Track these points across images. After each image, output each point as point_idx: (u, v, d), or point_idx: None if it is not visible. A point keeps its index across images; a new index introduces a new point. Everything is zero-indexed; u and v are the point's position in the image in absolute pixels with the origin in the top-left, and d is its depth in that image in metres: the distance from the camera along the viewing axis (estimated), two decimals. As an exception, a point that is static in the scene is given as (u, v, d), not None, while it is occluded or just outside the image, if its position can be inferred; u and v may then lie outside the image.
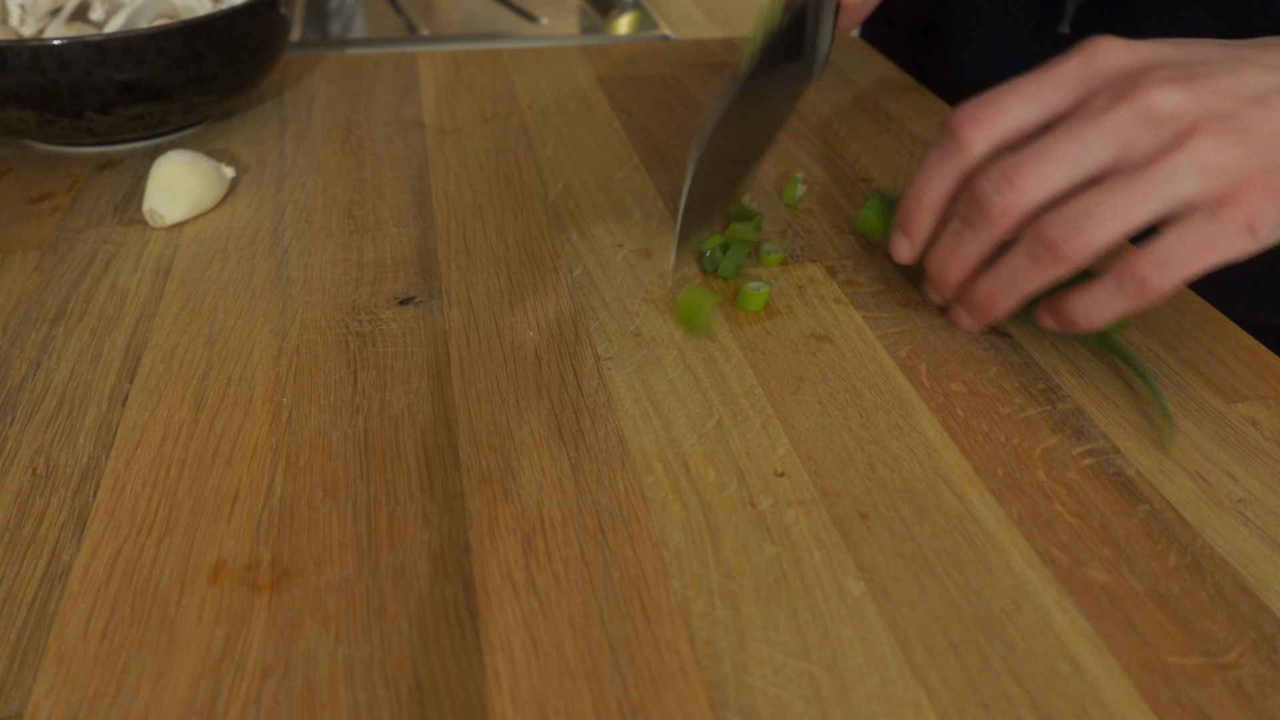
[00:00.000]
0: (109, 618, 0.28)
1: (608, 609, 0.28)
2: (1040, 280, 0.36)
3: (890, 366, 0.39)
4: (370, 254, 0.45)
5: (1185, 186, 0.33)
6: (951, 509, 0.32)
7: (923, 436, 0.35)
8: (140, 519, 0.31)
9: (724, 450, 0.34)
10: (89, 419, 0.35)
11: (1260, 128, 0.33)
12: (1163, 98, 0.33)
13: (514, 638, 0.28)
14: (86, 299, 0.42)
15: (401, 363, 0.38)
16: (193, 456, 0.34)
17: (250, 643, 0.27)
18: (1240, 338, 0.41)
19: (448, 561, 0.30)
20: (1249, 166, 0.33)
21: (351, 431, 0.35)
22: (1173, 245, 0.34)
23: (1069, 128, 0.34)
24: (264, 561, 0.30)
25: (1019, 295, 0.37)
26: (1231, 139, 0.33)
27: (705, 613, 0.28)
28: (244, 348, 0.39)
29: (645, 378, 0.38)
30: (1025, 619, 0.28)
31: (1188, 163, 0.33)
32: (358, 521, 0.31)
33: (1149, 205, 0.33)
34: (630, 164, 0.54)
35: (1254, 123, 0.33)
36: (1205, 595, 0.29)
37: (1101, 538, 0.31)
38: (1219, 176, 0.33)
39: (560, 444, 0.34)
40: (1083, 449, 0.35)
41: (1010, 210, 0.35)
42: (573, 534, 0.31)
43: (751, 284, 0.42)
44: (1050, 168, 0.34)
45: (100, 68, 0.48)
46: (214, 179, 0.48)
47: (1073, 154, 0.34)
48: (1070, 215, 0.34)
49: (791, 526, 0.31)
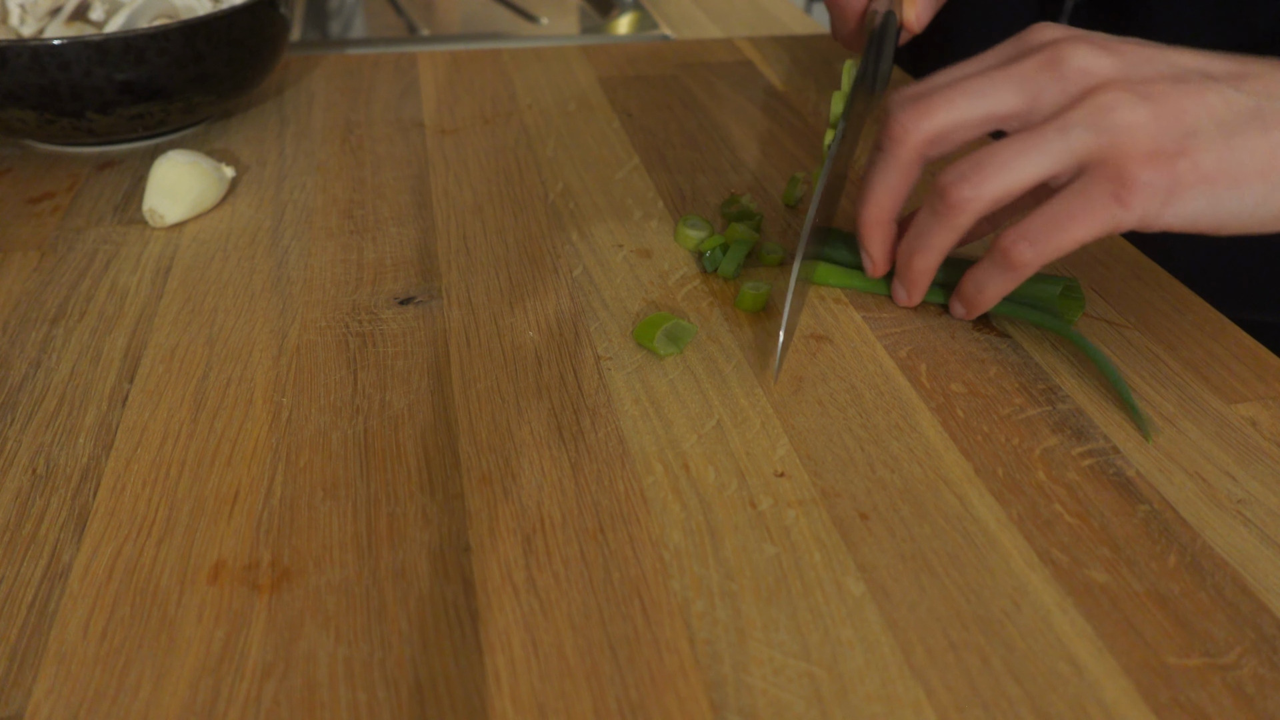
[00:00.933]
0: (109, 618, 0.28)
1: (608, 609, 0.28)
2: (943, 234, 0.36)
3: (890, 367, 0.39)
4: (370, 254, 0.45)
5: (1076, 141, 0.32)
6: (951, 509, 0.32)
7: (923, 437, 0.35)
8: (140, 519, 0.31)
9: (724, 450, 0.34)
10: (89, 419, 0.35)
11: (1170, 101, 0.32)
12: (1077, 53, 0.33)
13: (514, 638, 0.28)
14: (86, 299, 0.42)
15: (401, 363, 0.38)
16: (193, 456, 0.34)
17: (250, 643, 0.27)
18: (1240, 338, 0.41)
19: (448, 562, 0.30)
20: (1143, 135, 0.32)
21: (351, 432, 0.35)
22: (1038, 218, 0.33)
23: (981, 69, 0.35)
24: (264, 561, 0.30)
25: (929, 251, 0.37)
26: (1136, 102, 0.32)
27: (705, 613, 0.28)
28: (244, 348, 0.39)
29: (645, 378, 0.38)
30: (1025, 619, 0.28)
31: (1082, 117, 0.32)
32: (358, 521, 0.31)
33: (1038, 159, 0.33)
34: (630, 164, 0.54)
35: (1164, 94, 0.32)
36: (1205, 596, 0.29)
37: (1101, 538, 0.31)
38: (1111, 137, 0.32)
39: (560, 444, 0.34)
40: (1082, 449, 0.35)
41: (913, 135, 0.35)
42: (573, 534, 0.31)
43: (751, 284, 0.42)
44: (958, 100, 0.34)
45: (100, 67, 0.48)
46: (214, 179, 0.48)
47: (979, 89, 0.34)
48: (962, 165, 0.34)
49: (791, 527, 0.31)
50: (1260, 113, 0.33)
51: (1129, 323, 0.42)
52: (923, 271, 0.39)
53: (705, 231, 0.46)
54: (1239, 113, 0.33)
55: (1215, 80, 0.33)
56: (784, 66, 0.69)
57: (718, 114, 0.61)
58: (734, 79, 0.66)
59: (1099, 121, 0.32)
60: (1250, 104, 0.33)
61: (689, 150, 0.56)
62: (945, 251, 0.38)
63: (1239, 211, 0.33)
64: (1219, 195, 0.33)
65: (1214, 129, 0.32)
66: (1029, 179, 0.33)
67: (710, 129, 0.59)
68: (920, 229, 0.37)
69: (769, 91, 0.64)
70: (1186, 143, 0.32)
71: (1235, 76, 0.34)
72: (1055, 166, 0.33)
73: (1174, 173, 0.32)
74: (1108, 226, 0.33)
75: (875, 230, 0.39)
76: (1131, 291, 0.44)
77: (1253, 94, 0.33)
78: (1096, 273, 0.45)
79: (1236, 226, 0.34)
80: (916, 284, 0.40)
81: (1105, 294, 0.44)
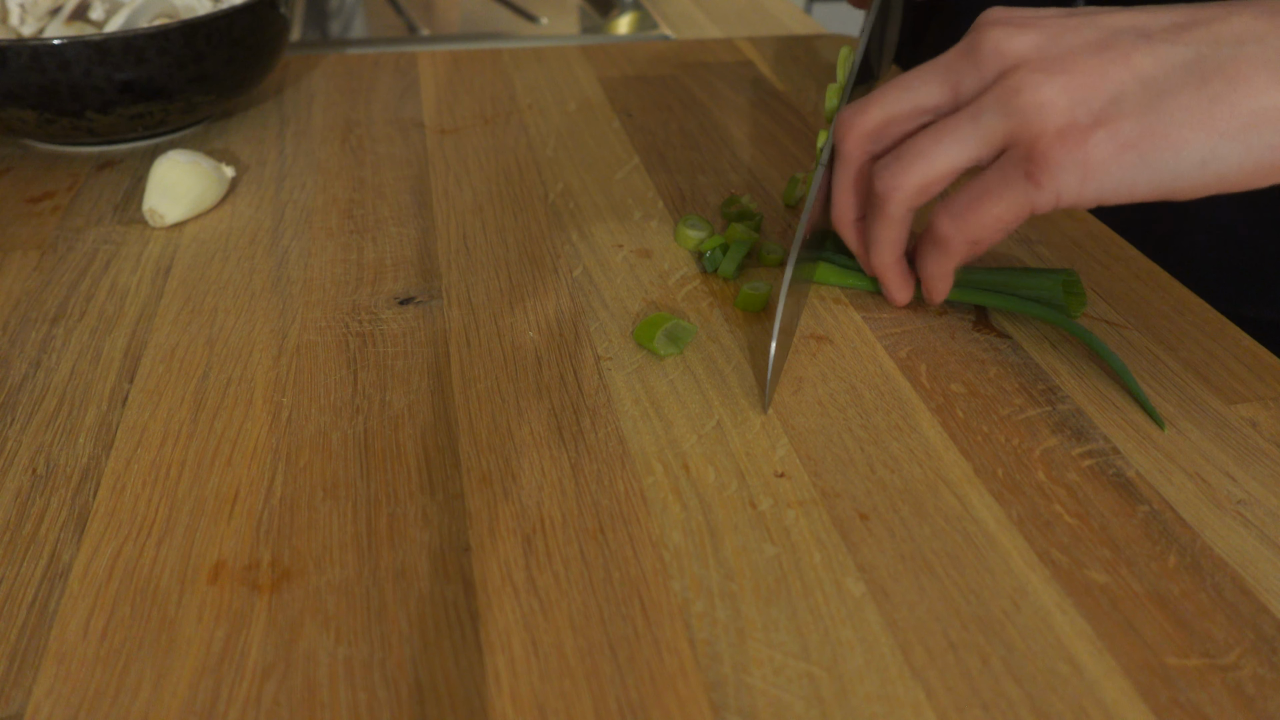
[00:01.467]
0: (109, 618, 0.28)
1: (608, 609, 0.28)
2: (883, 226, 0.37)
3: (890, 367, 0.39)
4: (370, 254, 0.45)
5: (987, 126, 0.32)
6: (951, 510, 0.32)
7: (923, 437, 0.35)
8: (140, 519, 0.31)
9: (724, 451, 0.34)
10: (89, 419, 0.35)
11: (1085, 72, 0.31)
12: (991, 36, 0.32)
13: (514, 638, 0.28)
14: (86, 299, 0.42)
15: (401, 363, 0.38)
16: (193, 456, 0.34)
17: (250, 643, 0.27)
18: (1240, 339, 0.41)
19: (448, 562, 0.30)
20: (1054, 112, 0.30)
21: (352, 432, 0.35)
22: (961, 194, 0.33)
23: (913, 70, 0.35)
24: (264, 562, 0.30)
25: (879, 245, 0.38)
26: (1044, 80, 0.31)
27: (705, 613, 0.28)
28: (244, 348, 0.39)
29: (645, 378, 0.38)
30: (1025, 620, 0.29)
31: (991, 101, 0.31)
32: (358, 522, 0.31)
33: (954, 146, 0.32)
34: (630, 164, 0.54)
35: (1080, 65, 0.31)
36: (1205, 596, 0.29)
37: (1101, 539, 0.31)
38: (1021, 119, 0.31)
39: (560, 444, 0.34)
40: (1082, 450, 0.35)
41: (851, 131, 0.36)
42: (573, 534, 0.31)
43: (751, 284, 0.42)
44: (890, 95, 0.35)
45: (100, 67, 0.48)
46: (214, 179, 0.48)
47: (908, 83, 0.35)
48: (887, 157, 0.35)
49: (791, 527, 0.31)
50: (1199, 63, 0.30)
51: (1128, 323, 0.42)
52: (884, 267, 0.39)
53: (705, 232, 0.46)
54: (1171, 68, 0.31)
55: (1149, 38, 0.31)
56: (784, 67, 0.69)
57: (718, 114, 0.61)
58: (734, 79, 0.66)
59: (1007, 104, 0.31)
60: (1187, 55, 0.31)
61: (689, 150, 0.56)
62: (895, 244, 0.38)
63: (1184, 171, 0.31)
64: (1151, 159, 0.31)
65: (1139, 92, 0.31)
66: (949, 166, 0.33)
67: (710, 129, 0.59)
68: (868, 225, 0.38)
69: (769, 92, 0.64)
70: (1105, 112, 0.31)
71: (1177, 28, 0.32)
72: (974, 152, 0.32)
73: (1087, 146, 0.31)
74: (1024, 204, 0.32)
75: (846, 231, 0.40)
76: (1131, 292, 0.44)
77: (1192, 43, 0.31)
78: (1096, 273, 0.45)
79: (1190, 187, 0.31)
80: (885, 280, 0.40)
81: (1105, 295, 0.44)
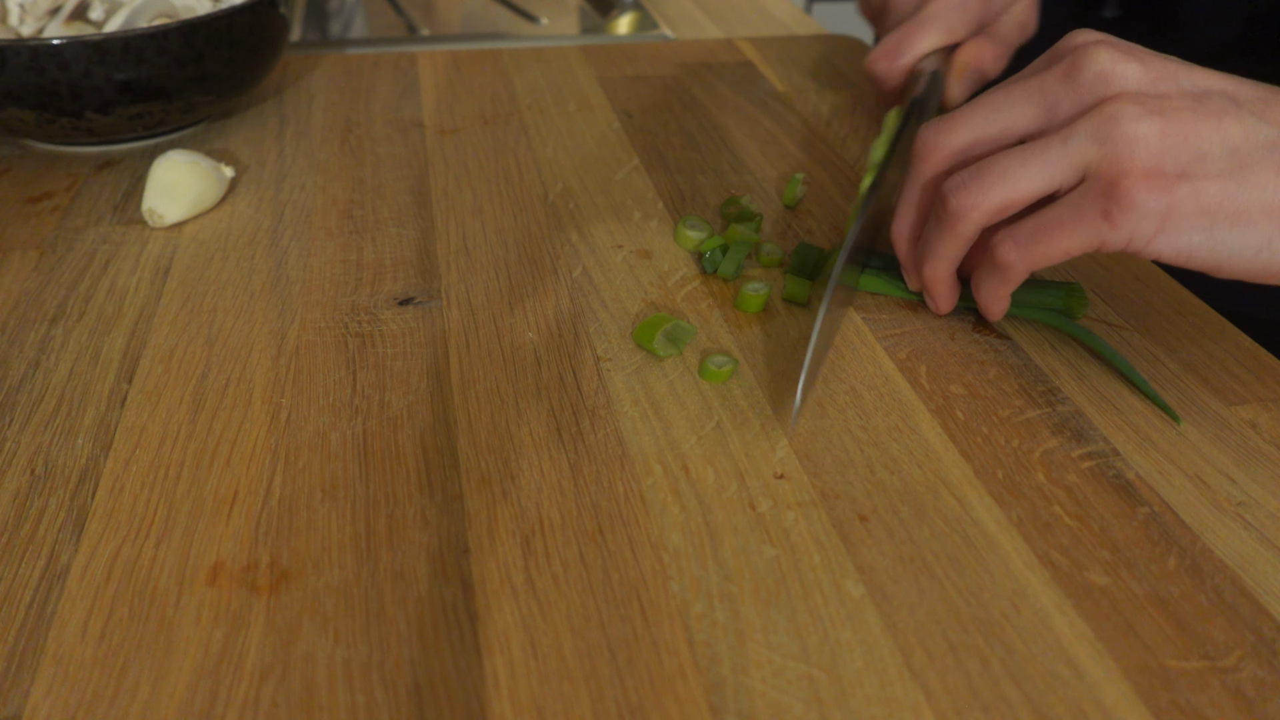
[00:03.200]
0: (107, 619, 0.28)
1: (607, 611, 0.28)
2: (948, 243, 0.35)
3: (890, 368, 0.39)
4: (370, 254, 0.45)
5: (1075, 150, 0.31)
6: (951, 511, 0.32)
7: (922, 439, 0.35)
8: (139, 520, 0.31)
9: (723, 452, 0.34)
10: (88, 419, 0.35)
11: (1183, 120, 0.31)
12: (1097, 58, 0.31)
13: (513, 640, 0.28)
14: (85, 299, 0.42)
15: (401, 364, 0.38)
16: (191, 457, 0.34)
17: (249, 644, 0.27)
18: (1240, 340, 0.41)
19: (446, 563, 0.30)
20: (1145, 150, 0.30)
21: (350, 433, 0.35)
22: (1029, 222, 0.33)
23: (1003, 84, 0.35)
24: (262, 563, 0.30)
25: (936, 260, 0.37)
26: (1144, 115, 0.30)
27: (704, 615, 0.28)
28: (243, 348, 0.39)
29: (645, 379, 0.38)
30: (1024, 622, 0.28)
31: (1087, 125, 0.31)
32: (356, 523, 0.31)
33: (1039, 168, 0.32)
34: (630, 164, 0.54)
35: (1178, 112, 0.30)
36: (1204, 599, 0.29)
37: (1101, 540, 0.31)
38: (1112, 148, 0.30)
39: (559, 445, 0.34)
40: (1082, 451, 0.35)
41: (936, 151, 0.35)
42: (572, 536, 0.31)
43: (751, 285, 0.42)
44: (978, 115, 0.34)
45: (99, 67, 0.48)
46: (213, 179, 0.48)
47: (997, 104, 0.34)
48: (964, 174, 0.33)
49: (791, 529, 0.31)
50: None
51: (1128, 325, 0.42)
52: (935, 280, 0.38)
53: (705, 232, 0.46)
54: (1257, 144, 0.31)
55: (1239, 105, 0.31)
56: (785, 67, 0.69)
57: (718, 115, 0.61)
58: (734, 80, 0.66)
59: (1102, 131, 0.31)
60: (1272, 136, 0.31)
61: (689, 151, 0.56)
62: (953, 259, 0.37)
63: (1240, 251, 0.31)
64: (1218, 230, 0.31)
65: (1224, 157, 0.30)
66: (1030, 189, 0.32)
67: (710, 129, 0.59)
68: (927, 236, 0.37)
69: (769, 92, 0.64)
70: (1192, 166, 0.30)
71: (1264, 103, 0.32)
72: (1057, 177, 0.32)
73: (1171, 196, 0.30)
74: (1094, 242, 0.31)
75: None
76: (1131, 294, 0.44)
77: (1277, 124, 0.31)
78: (1096, 275, 0.45)
79: (1235, 269, 0.31)
80: (934, 292, 0.39)
81: (1105, 296, 0.44)
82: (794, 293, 0.42)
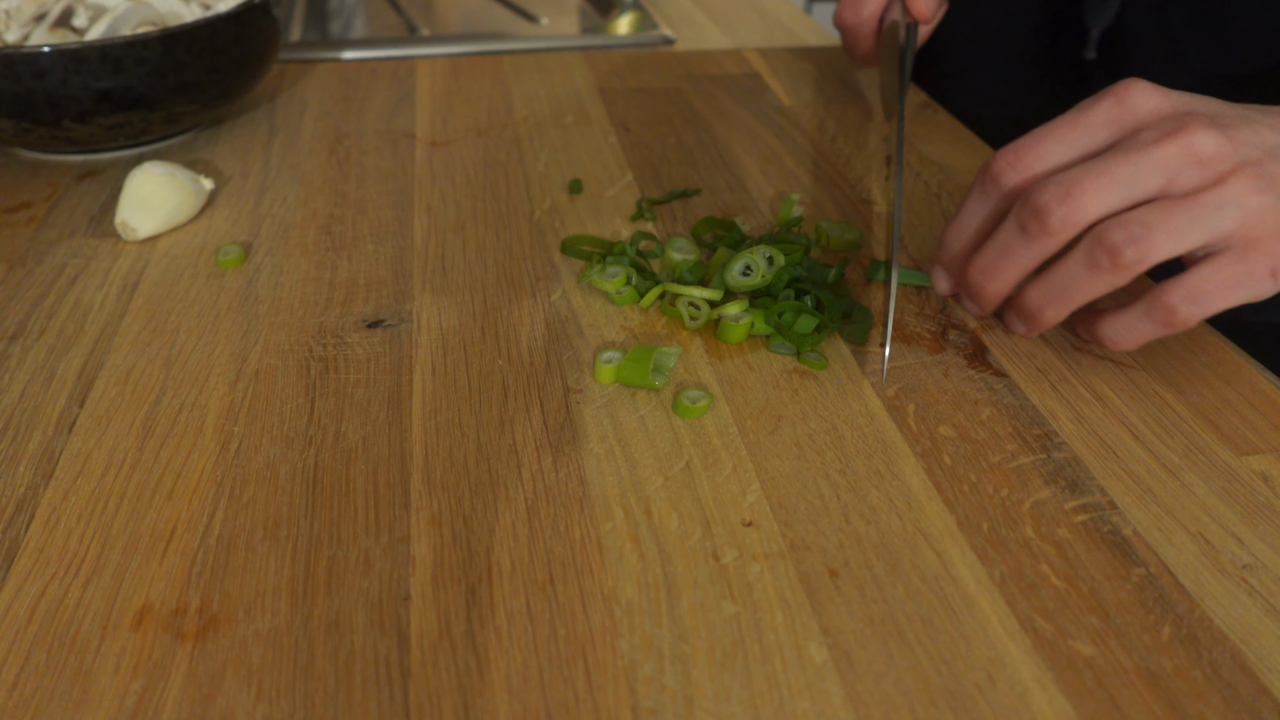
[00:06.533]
0: (22, 667, 0.26)
1: (549, 671, 0.27)
2: (1093, 288, 0.36)
3: (876, 406, 0.36)
4: (344, 273, 0.44)
5: (1227, 220, 0.34)
6: (929, 568, 0.30)
7: (904, 485, 0.33)
8: (70, 557, 0.30)
9: (690, 496, 0.32)
10: (33, 445, 0.34)
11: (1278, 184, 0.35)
12: (1206, 140, 0.35)
13: (444, 701, 0.26)
14: (48, 316, 0.41)
15: (362, 391, 0.36)
16: (133, 489, 0.32)
17: (166, 698, 0.26)
18: (1256, 383, 0.38)
19: (385, 612, 0.28)
20: (1275, 214, 0.35)
21: (301, 465, 0.33)
22: (1204, 279, 0.35)
23: (1123, 153, 0.36)
24: (192, 606, 0.28)
25: (1070, 303, 0.37)
26: (1264, 185, 0.35)
27: (653, 678, 0.26)
28: (201, 371, 0.37)
29: (614, 413, 0.36)
30: (1000, 696, 0.26)
31: (1230, 198, 0.35)
32: (295, 565, 0.30)
33: (1199, 230, 0.34)
34: (622, 181, 0.53)
35: (1276, 174, 0.35)
36: (1200, 674, 0.27)
37: (1090, 605, 0.29)
38: (1253, 217, 0.35)
39: (518, 483, 0.32)
40: (1076, 503, 0.32)
41: (1068, 222, 0.36)
42: (521, 585, 0.29)
43: (733, 314, 0.40)
44: (1107, 185, 0.35)
45: (76, 76, 0.47)
46: (190, 191, 0.47)
47: (1127, 176, 0.35)
48: (1132, 225, 0.35)
49: (755, 583, 0.29)
50: None
51: (1134, 363, 0.39)
52: (1050, 319, 0.38)
53: (694, 256, 0.44)
54: None
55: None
56: (792, 80, 0.67)
57: (719, 129, 0.59)
58: (739, 92, 0.64)
59: (1241, 204, 0.34)
60: None
61: (685, 167, 0.54)
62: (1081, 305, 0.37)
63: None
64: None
65: None
66: (1189, 248, 0.35)
67: (710, 145, 0.57)
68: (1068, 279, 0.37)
69: (774, 106, 0.62)
70: None
71: None
72: (1208, 240, 0.35)
73: None
74: (1261, 295, 0.36)
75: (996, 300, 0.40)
76: (1141, 328, 0.41)
77: None
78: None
79: None
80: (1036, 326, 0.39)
81: (1112, 330, 0.41)
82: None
